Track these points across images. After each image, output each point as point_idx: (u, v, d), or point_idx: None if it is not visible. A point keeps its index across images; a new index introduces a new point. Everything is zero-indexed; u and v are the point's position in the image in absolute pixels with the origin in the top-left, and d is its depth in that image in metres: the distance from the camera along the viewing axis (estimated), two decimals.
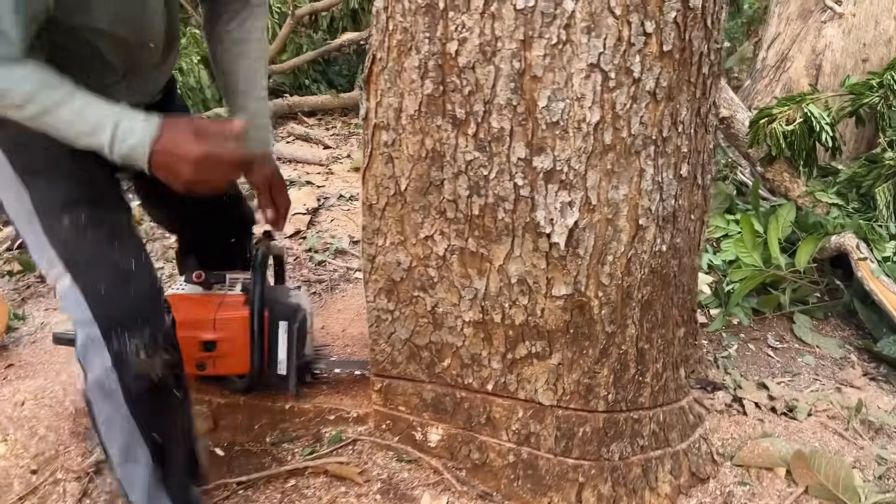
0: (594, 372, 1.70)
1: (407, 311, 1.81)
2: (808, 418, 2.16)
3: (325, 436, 1.98)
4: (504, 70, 1.47)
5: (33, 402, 2.01)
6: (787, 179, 3.05)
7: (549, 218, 1.55)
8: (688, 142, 1.57)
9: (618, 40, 1.41)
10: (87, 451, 1.91)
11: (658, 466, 1.82)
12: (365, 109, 1.75)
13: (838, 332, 2.75)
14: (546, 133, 1.49)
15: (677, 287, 1.75)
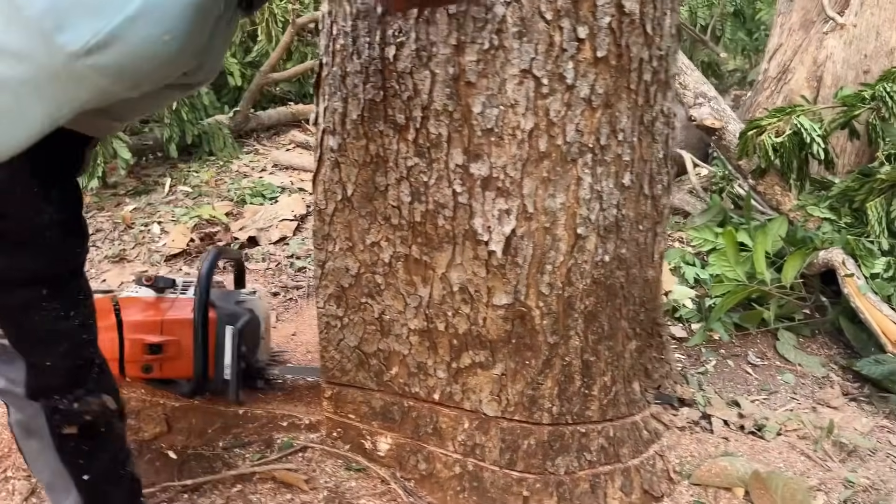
0: (538, 383, 1.67)
1: (356, 317, 1.80)
2: (776, 438, 2.09)
3: (276, 442, 1.97)
4: (440, 75, 1.46)
5: None
6: (779, 192, 2.98)
7: (486, 226, 1.53)
8: (630, 150, 1.53)
9: (549, 46, 1.39)
10: None
11: (607, 482, 1.77)
12: (315, 114, 1.75)
13: (824, 350, 2.66)
14: (482, 140, 1.47)
15: (626, 299, 1.71)
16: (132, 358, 1.78)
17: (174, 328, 1.80)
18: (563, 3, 1.35)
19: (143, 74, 1.03)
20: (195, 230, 3.29)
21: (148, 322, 1.80)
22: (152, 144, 4.18)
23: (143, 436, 1.98)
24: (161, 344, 1.79)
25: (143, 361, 1.80)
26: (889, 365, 2.28)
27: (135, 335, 1.77)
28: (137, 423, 1.99)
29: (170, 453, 1.97)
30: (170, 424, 2.00)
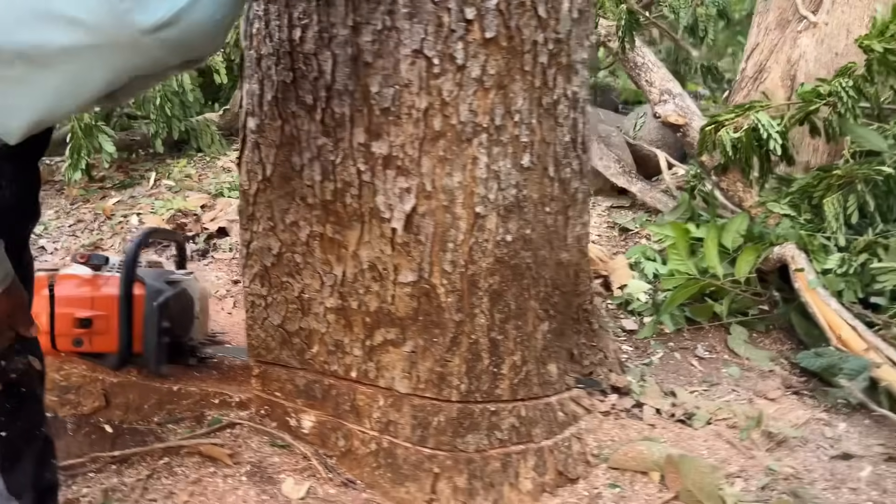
0: (446, 360, 1.70)
1: (278, 296, 1.85)
2: (705, 427, 2.10)
3: (207, 418, 2.02)
4: (340, 56, 1.51)
5: None
6: (741, 189, 2.99)
7: (388, 203, 1.58)
8: (529, 132, 1.57)
9: (438, 26, 1.43)
10: None
11: (520, 462, 1.80)
12: (240, 97, 1.81)
13: (777, 345, 2.66)
14: (381, 119, 1.52)
15: (535, 280, 1.74)
16: (63, 331, 1.84)
17: (103, 304, 1.86)
18: None
19: (194, 49, 1.11)
20: (170, 221, 3.38)
21: (78, 297, 1.86)
22: (140, 140, 4.29)
23: (82, 409, 2.04)
24: (90, 318, 1.85)
25: (73, 335, 1.86)
26: (828, 358, 2.28)
27: (66, 310, 1.83)
28: (77, 397, 2.05)
29: (106, 427, 2.03)
30: (108, 399, 2.07)
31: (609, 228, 3.48)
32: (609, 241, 3.35)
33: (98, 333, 1.88)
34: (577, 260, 1.90)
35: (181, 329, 1.99)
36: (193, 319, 2.04)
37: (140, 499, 1.79)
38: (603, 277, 2.93)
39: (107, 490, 1.80)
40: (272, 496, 1.79)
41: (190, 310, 2.02)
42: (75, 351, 1.90)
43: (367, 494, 1.83)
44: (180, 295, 1.98)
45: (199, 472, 1.87)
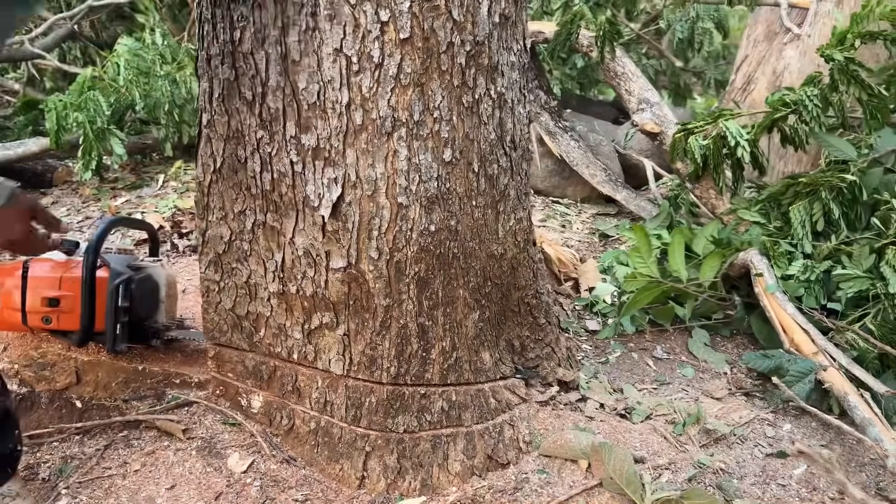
0: (375, 343, 1.80)
1: (230, 282, 1.97)
2: (644, 421, 2.15)
3: (167, 397, 2.15)
4: (272, 55, 1.63)
5: None
6: (714, 196, 3.03)
7: (317, 193, 1.69)
8: (449, 128, 1.67)
9: (356, 27, 1.54)
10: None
11: (449, 444, 1.88)
12: (198, 94, 1.95)
13: (740, 349, 2.69)
14: (309, 113, 1.64)
15: (465, 270, 1.83)
16: (33, 309, 1.99)
17: (70, 285, 2.01)
18: None
19: None
20: (169, 219, 3.55)
21: (48, 279, 2.01)
22: (152, 144, 4.49)
23: (55, 385, 2.19)
24: (58, 298, 2.00)
25: (42, 313, 2.00)
26: (776, 360, 2.31)
27: (36, 289, 1.99)
28: (52, 374, 2.21)
29: (76, 402, 2.17)
30: (79, 377, 2.21)
31: (590, 234, 3.54)
32: (589, 247, 3.41)
33: (65, 312, 2.02)
34: (513, 254, 1.99)
35: (144, 311, 2.12)
36: (159, 303, 2.17)
37: (95, 466, 1.92)
38: (573, 280, 2.99)
39: (66, 458, 1.94)
40: (216, 469, 1.91)
41: (155, 294, 2.15)
42: (44, 328, 2.04)
43: (305, 471, 1.93)
44: (144, 279, 2.11)
45: (154, 446, 2.00)
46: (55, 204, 4.01)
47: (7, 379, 2.20)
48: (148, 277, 2.13)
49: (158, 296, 2.18)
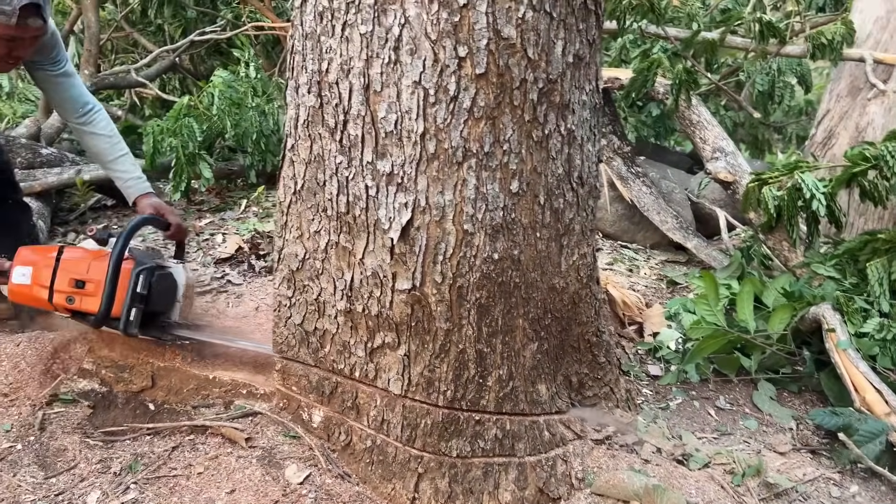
0: (434, 366, 1.85)
1: (300, 298, 2.06)
2: (701, 469, 2.11)
3: (234, 406, 2.24)
4: (356, 85, 1.74)
5: (26, 343, 2.46)
6: (787, 248, 2.98)
7: (388, 216, 1.77)
8: (518, 160, 1.73)
9: (434, 61, 1.63)
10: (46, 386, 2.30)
11: (500, 473, 1.90)
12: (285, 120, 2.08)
13: (807, 406, 2.61)
14: (386, 140, 1.73)
15: (525, 300, 1.86)
16: (60, 288, 2.20)
17: (97, 270, 2.18)
18: (444, 25, 1.60)
19: None
20: (248, 241, 3.72)
21: (78, 262, 2.22)
22: (237, 171, 4.73)
23: (131, 387, 2.33)
24: (84, 280, 2.19)
25: (67, 293, 2.20)
26: (845, 418, 2.23)
27: (66, 271, 2.20)
28: (129, 376, 2.34)
29: (150, 404, 2.29)
30: (154, 381, 2.34)
31: (658, 280, 3.52)
32: (655, 293, 3.38)
33: (88, 295, 2.20)
34: (575, 289, 2.01)
35: (160, 305, 2.29)
36: (175, 302, 2.35)
37: (162, 466, 2.02)
38: (637, 324, 2.98)
39: (136, 455, 2.05)
40: (274, 478, 1.97)
41: (172, 291, 2.33)
42: (66, 307, 2.22)
43: (358, 488, 1.98)
44: (165, 276, 2.29)
45: (218, 451, 2.08)
46: None
47: (88, 378, 2.35)
48: (168, 275, 2.32)
49: (176, 294, 2.35)
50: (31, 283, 2.23)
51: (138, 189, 2.53)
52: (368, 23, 1.67)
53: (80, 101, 2.50)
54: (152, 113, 6.36)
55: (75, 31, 5.77)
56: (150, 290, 2.21)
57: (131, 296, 2.17)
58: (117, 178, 2.55)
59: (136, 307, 2.19)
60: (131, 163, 2.56)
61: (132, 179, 2.53)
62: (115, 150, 2.53)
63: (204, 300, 3.09)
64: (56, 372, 2.38)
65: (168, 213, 2.49)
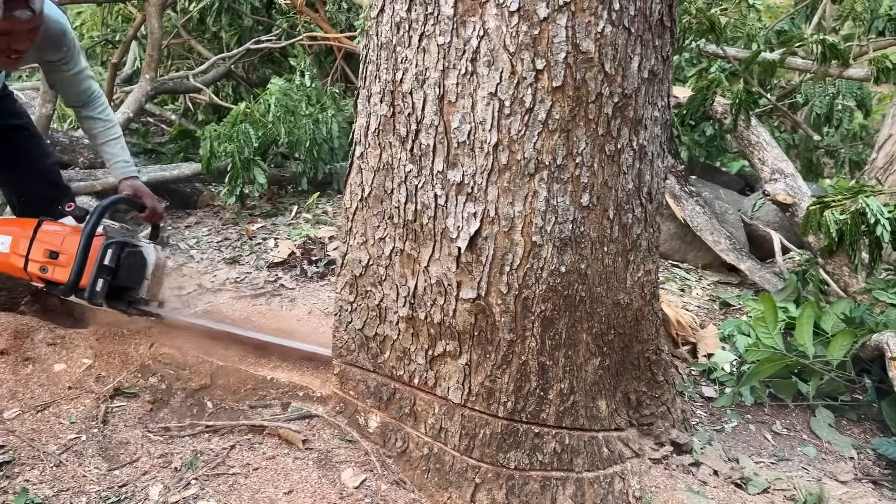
0: (495, 376, 1.85)
1: (362, 303, 2.08)
2: (760, 494, 2.07)
3: (290, 407, 2.27)
4: (430, 95, 1.76)
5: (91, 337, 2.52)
6: (847, 274, 2.93)
7: (457, 225, 1.78)
8: (589, 174, 1.73)
9: (511, 73, 1.64)
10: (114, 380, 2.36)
11: (558, 487, 1.89)
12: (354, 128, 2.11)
13: (867, 435, 2.55)
14: (458, 151, 1.75)
15: (589, 315, 1.86)
16: (35, 258, 2.34)
17: (70, 244, 2.32)
18: (523, 38, 1.62)
19: None
20: (300, 247, 3.77)
21: (54, 234, 2.35)
22: (289, 177, 4.80)
23: (190, 385, 2.37)
24: (57, 252, 2.33)
25: (41, 263, 2.35)
26: None
27: (42, 242, 2.34)
28: (189, 374, 2.39)
29: (208, 402, 2.33)
30: (213, 380, 2.38)
31: (710, 301, 3.47)
32: (708, 314, 3.34)
33: (60, 266, 2.34)
34: (638, 305, 2.00)
35: (128, 280, 2.42)
36: (143, 279, 2.47)
37: (221, 464, 2.05)
38: (691, 344, 2.94)
39: (196, 452, 2.08)
40: (331, 481, 1.99)
41: (141, 269, 2.46)
42: (40, 276, 2.36)
43: (414, 495, 1.98)
44: (135, 253, 2.43)
45: (275, 452, 2.11)
46: (198, 224, 4.35)
47: (149, 374, 2.40)
48: (138, 253, 2.44)
49: (144, 272, 2.47)
50: (9, 251, 2.37)
51: (123, 171, 2.63)
52: (447, 34, 1.69)
53: (86, 92, 2.58)
54: (204, 119, 6.49)
55: (138, 36, 5.92)
56: (118, 265, 2.34)
57: (98, 267, 2.30)
58: (106, 159, 2.66)
59: (102, 278, 2.32)
60: (121, 147, 2.65)
61: (119, 161, 2.63)
62: (108, 134, 2.62)
63: (258, 302, 3.15)
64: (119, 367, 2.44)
65: (145, 196, 2.61)
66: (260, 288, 3.32)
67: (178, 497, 1.90)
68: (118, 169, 2.63)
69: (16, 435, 2.08)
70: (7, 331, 2.46)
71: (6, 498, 1.84)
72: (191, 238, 4.02)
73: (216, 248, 3.93)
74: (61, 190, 2.79)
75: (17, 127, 2.66)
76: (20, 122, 2.69)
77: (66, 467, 1.98)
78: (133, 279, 2.44)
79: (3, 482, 1.90)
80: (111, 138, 2.63)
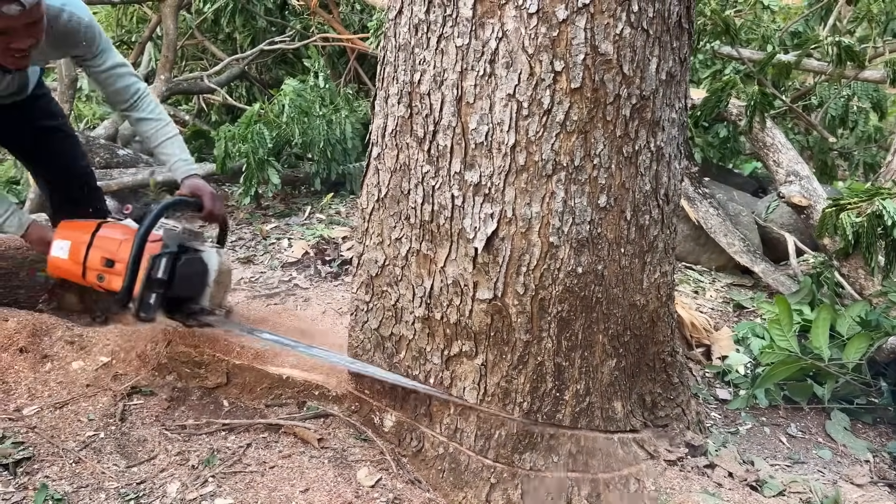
0: (511, 377, 1.86)
1: (378, 303, 2.09)
2: (775, 497, 2.07)
3: (306, 406, 2.28)
4: (448, 96, 1.77)
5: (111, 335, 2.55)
6: (863, 276, 2.91)
7: (474, 226, 1.79)
8: (607, 175, 1.73)
9: (530, 75, 1.65)
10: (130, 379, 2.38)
11: (573, 488, 1.89)
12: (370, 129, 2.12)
13: (883, 438, 2.54)
14: (475, 152, 1.75)
15: (606, 316, 1.86)
16: (92, 266, 2.19)
17: (125, 250, 2.14)
18: (542, 40, 1.62)
19: None
20: (314, 247, 3.79)
21: (111, 241, 2.19)
22: (303, 178, 4.83)
23: (206, 383, 2.39)
24: (114, 260, 2.16)
25: (98, 271, 2.18)
26: None
27: (98, 248, 2.19)
28: (205, 372, 2.40)
29: (224, 401, 2.35)
30: (229, 378, 2.40)
31: (724, 303, 3.47)
32: (722, 316, 3.33)
33: (116, 274, 2.16)
34: (654, 307, 2.00)
35: (186, 290, 2.22)
36: (205, 286, 2.26)
37: (237, 462, 2.06)
38: (705, 346, 2.93)
39: (213, 450, 2.10)
40: (346, 480, 2.00)
41: (202, 276, 2.25)
42: (98, 285, 2.21)
43: (429, 494, 1.99)
44: (193, 260, 2.22)
45: (291, 450, 2.12)
46: None
47: (166, 372, 2.42)
48: (198, 259, 2.24)
49: (206, 279, 2.26)
50: (68, 257, 2.23)
51: (182, 171, 2.46)
52: (465, 36, 1.70)
53: (128, 91, 2.45)
54: (218, 119, 6.53)
55: (153, 37, 5.97)
56: (173, 275, 2.14)
57: (146, 281, 2.11)
58: (164, 160, 2.50)
59: (155, 292, 2.12)
60: (178, 146, 2.48)
61: (178, 161, 2.46)
62: (162, 134, 2.46)
63: (273, 302, 3.16)
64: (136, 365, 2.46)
65: (205, 195, 2.40)
66: (274, 287, 3.34)
67: (196, 494, 1.92)
68: (178, 169, 2.46)
69: (35, 431, 2.10)
70: (26, 329, 2.48)
71: (26, 493, 1.87)
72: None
73: (230, 247, 3.95)
74: (93, 193, 2.76)
75: (52, 128, 2.61)
76: (55, 122, 2.64)
77: (85, 464, 2.00)
78: (193, 288, 2.24)
79: (24, 478, 1.92)
80: (166, 138, 2.47)
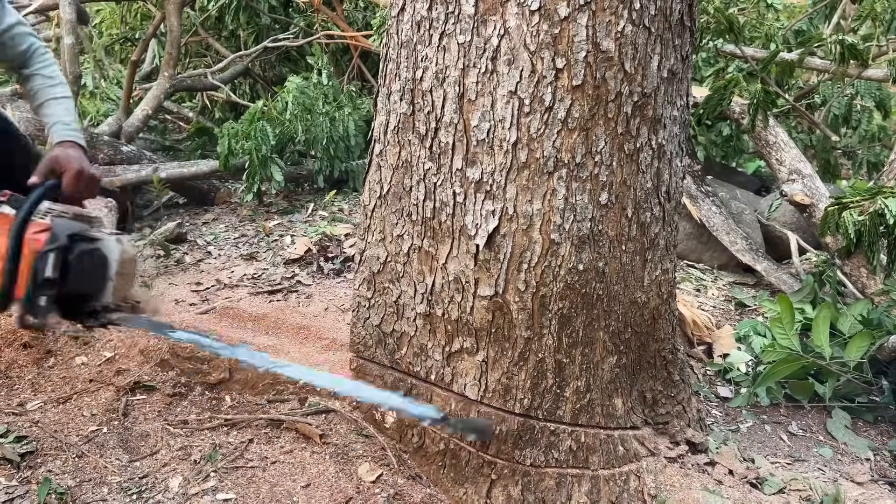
0: (512, 373, 1.86)
1: (380, 300, 2.10)
2: (776, 494, 2.07)
3: (308, 402, 2.29)
4: (450, 93, 1.77)
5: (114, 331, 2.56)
6: (865, 275, 2.91)
7: (475, 223, 1.79)
8: (608, 172, 1.73)
9: (532, 72, 1.65)
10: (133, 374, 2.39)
11: (573, 485, 1.90)
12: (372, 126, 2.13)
13: (884, 437, 2.53)
14: (477, 149, 1.76)
15: (606, 313, 1.87)
16: None
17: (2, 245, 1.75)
18: (544, 37, 1.63)
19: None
20: (316, 244, 3.79)
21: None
22: (306, 175, 4.83)
23: (209, 379, 2.40)
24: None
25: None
26: None
27: None
28: (208, 368, 2.42)
29: (226, 397, 2.36)
30: (231, 374, 2.41)
31: (726, 302, 3.46)
32: (724, 314, 3.33)
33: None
34: (655, 304, 2.01)
35: (84, 287, 1.84)
36: (105, 281, 1.87)
37: (239, 457, 2.07)
38: (707, 345, 2.94)
39: (215, 445, 2.11)
40: (348, 475, 2.01)
41: (101, 270, 1.86)
42: None
43: (430, 490, 2.00)
44: (89, 252, 1.82)
45: (292, 446, 2.13)
46: (215, 220, 4.38)
47: (168, 368, 2.43)
48: (95, 251, 1.83)
49: (106, 272, 1.86)
50: None
51: (59, 136, 2.02)
52: (467, 33, 1.70)
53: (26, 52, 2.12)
54: (221, 116, 6.53)
55: (157, 34, 5.97)
56: (66, 271, 1.75)
57: (33, 283, 1.74)
58: (45, 122, 2.09)
59: (45, 294, 1.75)
60: (64, 108, 2.09)
61: (58, 124, 2.04)
62: (49, 93, 2.09)
63: (275, 298, 3.17)
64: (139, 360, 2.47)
65: (68, 172, 1.91)
66: (277, 284, 3.35)
67: (198, 489, 1.93)
68: (56, 133, 2.02)
69: (39, 426, 2.11)
70: None
71: (30, 487, 1.88)
72: (208, 234, 4.05)
73: (233, 244, 3.96)
74: None
75: None
76: None
77: (87, 458, 2.01)
78: (91, 284, 1.85)
79: (27, 472, 1.93)
80: (51, 97, 2.09)
